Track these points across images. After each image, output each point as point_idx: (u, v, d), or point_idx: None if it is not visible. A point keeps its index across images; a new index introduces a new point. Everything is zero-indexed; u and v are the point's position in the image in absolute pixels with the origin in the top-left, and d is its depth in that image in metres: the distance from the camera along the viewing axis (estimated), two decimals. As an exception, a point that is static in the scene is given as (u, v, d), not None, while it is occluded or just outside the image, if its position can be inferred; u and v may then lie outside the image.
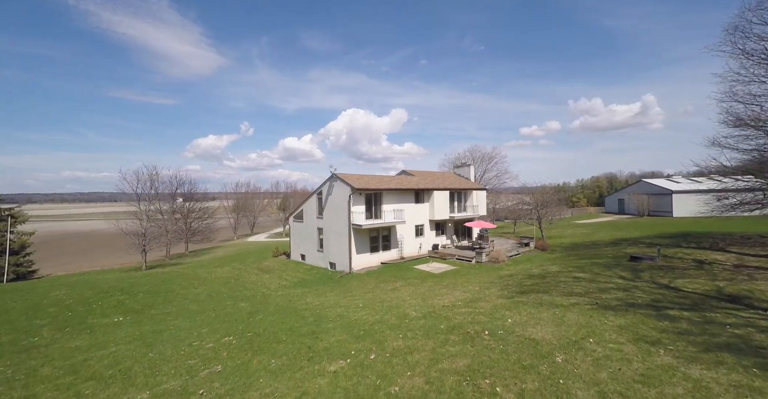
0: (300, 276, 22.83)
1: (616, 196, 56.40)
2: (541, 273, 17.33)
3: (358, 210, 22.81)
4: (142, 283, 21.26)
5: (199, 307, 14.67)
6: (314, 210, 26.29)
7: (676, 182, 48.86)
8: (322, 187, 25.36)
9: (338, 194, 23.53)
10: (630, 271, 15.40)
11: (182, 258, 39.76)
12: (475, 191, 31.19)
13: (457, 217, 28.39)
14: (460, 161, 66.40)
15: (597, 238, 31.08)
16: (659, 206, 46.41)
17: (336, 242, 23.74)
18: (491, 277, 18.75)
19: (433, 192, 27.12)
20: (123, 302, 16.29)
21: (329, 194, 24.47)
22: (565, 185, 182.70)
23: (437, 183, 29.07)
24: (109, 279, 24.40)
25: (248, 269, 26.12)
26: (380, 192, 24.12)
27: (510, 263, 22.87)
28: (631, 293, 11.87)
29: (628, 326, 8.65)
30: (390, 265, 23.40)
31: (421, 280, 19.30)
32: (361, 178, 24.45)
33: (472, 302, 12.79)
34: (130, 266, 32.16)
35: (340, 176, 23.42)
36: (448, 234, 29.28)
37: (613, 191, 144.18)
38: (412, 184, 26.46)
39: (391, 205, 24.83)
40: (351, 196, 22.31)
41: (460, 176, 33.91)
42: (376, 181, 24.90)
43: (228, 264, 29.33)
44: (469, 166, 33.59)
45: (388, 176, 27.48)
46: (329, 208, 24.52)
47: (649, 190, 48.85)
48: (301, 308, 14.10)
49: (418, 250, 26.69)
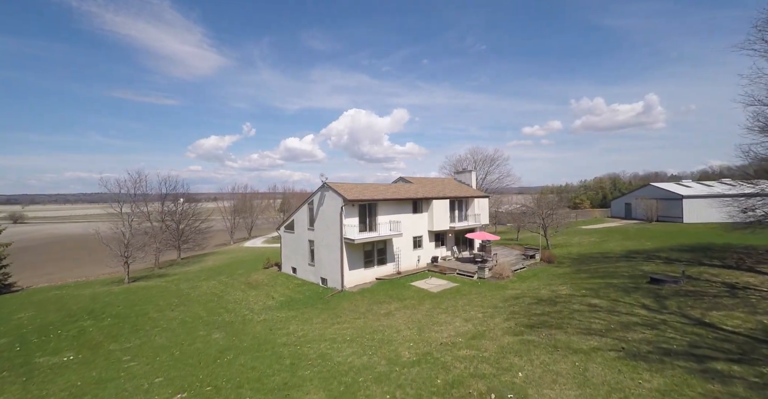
0: (288, 293, 21.15)
1: (623, 201, 54.57)
2: (551, 296, 15.61)
3: (351, 222, 21.14)
4: (115, 303, 19.64)
5: (166, 341, 13.03)
6: (305, 221, 24.64)
7: (686, 186, 47.01)
8: (313, 197, 23.71)
9: (330, 205, 21.87)
10: (653, 297, 13.66)
11: (171, 267, 38.15)
12: (477, 199, 29.48)
13: (457, 228, 26.68)
14: (461, 166, 64.74)
15: (606, 248, 29.30)
16: (669, 211, 44.55)
17: (327, 256, 22.07)
18: (495, 298, 17.04)
19: (432, 201, 25.43)
20: (85, 331, 14.65)
21: (320, 205, 22.81)
22: (568, 186, 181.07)
23: (436, 191, 27.38)
24: (85, 296, 22.80)
25: (235, 284, 24.47)
26: (375, 203, 22.44)
27: (515, 279, 21.16)
28: (661, 332, 10.14)
29: (670, 391, 6.93)
30: (385, 282, 21.70)
31: (418, 300, 17.61)
32: (355, 188, 22.78)
33: (474, 339, 11.09)
34: (115, 277, 30.54)
35: (332, 186, 21.75)
36: (448, 245, 27.57)
37: (616, 192, 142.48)
38: (410, 193, 24.77)
39: (387, 216, 23.15)
40: (343, 207, 20.64)
41: (461, 183, 32.20)
42: (371, 190, 23.22)
43: (215, 277, 27.70)
44: (470, 172, 31.86)
45: (384, 185, 25.83)
46: (320, 219, 22.86)
47: (658, 194, 46.98)
48: (280, 343, 12.43)
49: (416, 263, 24.99)
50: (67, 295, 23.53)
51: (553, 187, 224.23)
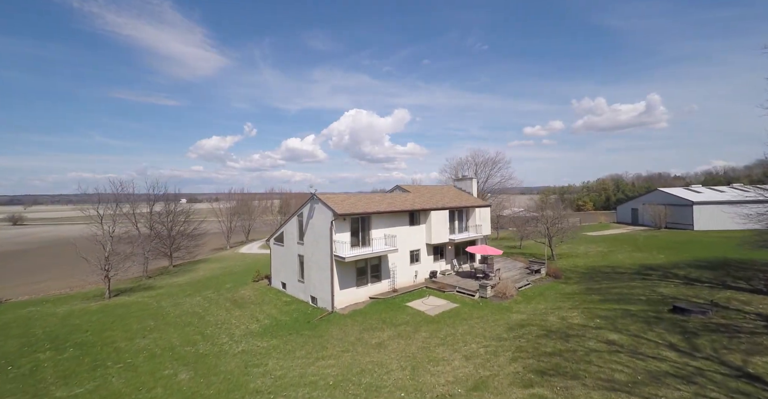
0: (275, 314, 19.54)
1: (629, 206, 52.82)
2: (561, 326, 13.96)
3: (342, 238, 19.53)
4: (84, 328, 18.09)
5: (124, 384, 11.44)
6: (295, 234, 23.05)
7: (696, 191, 45.25)
8: (302, 209, 22.11)
9: (319, 219, 20.27)
10: (679, 332, 12.01)
11: (161, 277, 36.60)
12: (478, 209, 27.83)
13: (457, 240, 25.04)
14: (461, 168, 62.97)
15: (615, 260, 27.63)
16: (678, 218, 42.81)
17: (317, 274, 20.47)
18: (499, 324, 15.42)
19: (430, 213, 23.81)
20: (39, 367, 13.08)
21: (310, 218, 21.22)
22: (570, 187, 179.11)
23: (435, 201, 25.76)
24: (58, 315, 21.26)
25: (220, 301, 22.89)
26: (368, 216, 20.82)
27: (519, 299, 19.51)
28: (700, 388, 8.49)
29: None
30: (379, 302, 20.08)
31: (414, 327, 15.99)
32: (347, 200, 21.16)
33: (476, 390, 9.47)
34: (99, 290, 28.83)
35: (321, 198, 20.15)
36: (448, 257, 25.94)
37: (620, 194, 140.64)
38: (407, 205, 23.15)
39: (381, 229, 21.53)
40: (333, 222, 19.03)
41: (462, 190, 30.55)
42: (364, 202, 21.60)
43: (201, 291, 26.13)
44: (470, 180, 30.22)
45: (379, 195, 24.23)
46: (310, 233, 21.26)
47: (666, 200, 45.24)
48: (253, 388, 10.83)
49: (413, 279, 23.37)
50: (40, 313, 22.00)
51: (555, 187, 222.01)
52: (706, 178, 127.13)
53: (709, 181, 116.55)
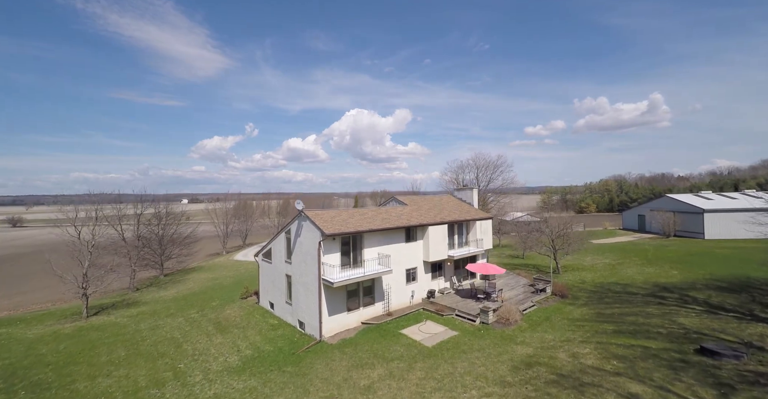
0: (258, 342, 17.97)
1: (636, 212, 51.09)
2: (574, 370, 12.33)
3: (331, 260, 17.95)
4: (48, 359, 16.58)
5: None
6: (282, 252, 21.48)
7: (706, 198, 43.49)
8: (290, 226, 20.53)
9: (307, 237, 18.69)
10: (713, 385, 10.40)
11: (148, 289, 35.10)
12: (479, 222, 26.22)
13: (457, 256, 23.42)
14: (462, 177, 61.40)
15: (625, 276, 26.00)
16: (688, 226, 41.11)
17: (305, 297, 18.90)
18: (502, 361, 13.82)
19: (428, 228, 22.21)
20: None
21: (297, 236, 19.65)
22: (572, 188, 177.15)
23: (433, 214, 24.16)
24: (25, 341, 19.74)
25: (203, 323, 21.36)
26: (360, 234, 19.22)
27: (524, 325, 17.92)
28: None
29: None
30: (372, 329, 18.49)
31: (408, 363, 14.41)
32: (337, 217, 19.57)
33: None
34: (78, 307, 27.28)
35: (309, 215, 18.57)
36: (447, 274, 24.35)
37: (623, 195, 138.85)
38: (402, 221, 21.54)
39: (374, 248, 19.95)
40: (321, 242, 17.45)
41: (462, 201, 28.94)
42: (356, 219, 19.99)
43: (185, 310, 24.61)
44: (471, 190, 28.59)
45: (372, 210, 22.61)
46: (298, 252, 19.69)
47: (675, 206, 43.52)
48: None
49: (409, 299, 21.78)
50: (8, 338, 20.50)
51: (557, 187, 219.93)
52: (712, 180, 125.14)
53: (714, 183, 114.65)
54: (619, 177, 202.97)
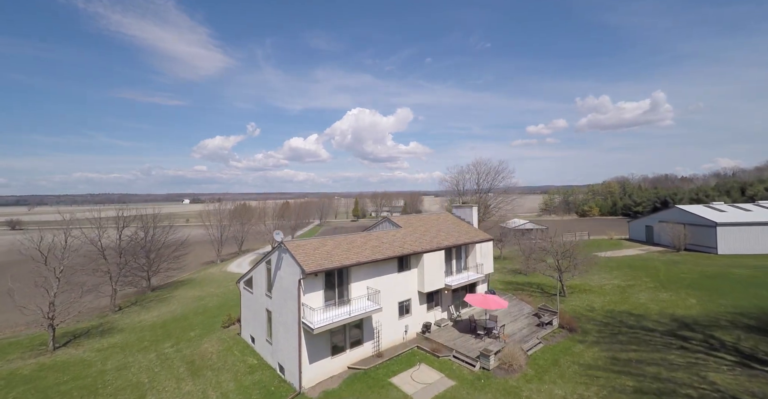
0: (231, 392, 16.03)
1: (643, 223, 48.99)
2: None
3: (313, 300, 16.00)
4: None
5: None
6: (263, 283, 19.54)
7: (718, 210, 41.40)
8: (270, 256, 18.59)
9: (287, 272, 16.76)
10: None
11: (129, 311, 33.22)
12: (479, 244, 24.25)
13: (455, 285, 21.45)
14: (462, 178, 59.35)
15: (637, 302, 24.02)
16: (700, 240, 39.06)
17: (285, 338, 16.97)
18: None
19: (423, 256, 20.25)
20: None
21: (278, 268, 17.71)
22: (575, 189, 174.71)
23: (429, 237, 22.19)
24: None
25: (175, 362, 19.47)
26: (347, 268, 17.26)
27: (530, 372, 15.96)
28: None
29: None
30: (359, 376, 16.52)
31: (396, 428, 12.46)
32: (321, 248, 17.57)
33: None
34: (44, 337, 24.95)
35: (290, 248, 16.61)
36: (444, 304, 22.39)
37: (626, 198, 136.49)
38: (395, 248, 19.57)
39: (363, 281, 18.00)
40: (301, 281, 15.52)
41: (461, 219, 26.96)
42: (343, 250, 17.99)
43: (160, 343, 22.71)
44: (470, 208, 26.60)
45: (363, 236, 20.57)
46: (278, 287, 17.76)
47: (685, 218, 41.44)
48: None
49: (403, 335, 19.82)
50: (-40, 380, 18.62)
51: (559, 187, 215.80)
52: (718, 183, 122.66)
53: (721, 186, 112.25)
54: (621, 178, 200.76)
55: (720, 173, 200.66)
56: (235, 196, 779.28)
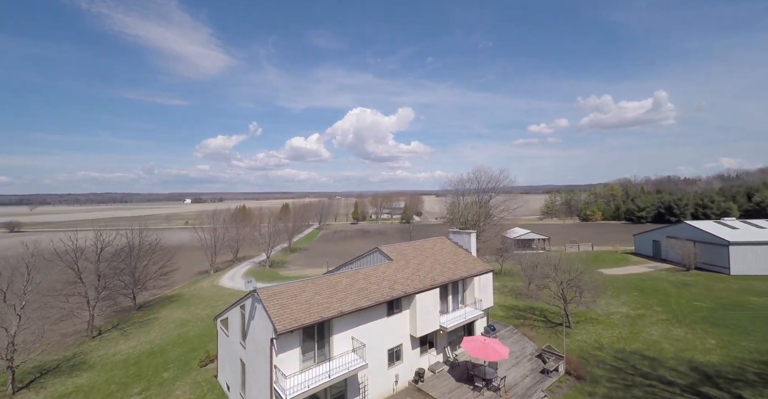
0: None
1: (650, 237, 46.98)
2: None
3: (288, 362, 14.08)
4: None
5: None
6: (237, 328, 17.66)
7: (730, 227, 39.36)
8: (244, 301, 16.70)
9: (260, 325, 14.88)
10: None
11: (107, 337, 31.40)
12: (477, 277, 22.33)
13: (450, 327, 19.52)
14: (462, 186, 57.53)
15: (651, 342, 22.08)
16: (711, 259, 37.09)
17: (258, 396, 15.09)
18: None
19: (415, 297, 18.36)
20: None
21: (251, 318, 15.83)
22: (576, 192, 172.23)
23: (423, 272, 20.27)
24: None
25: (141, 415, 17.63)
26: (328, 320, 15.34)
27: (534, 441, 14.04)
28: None
29: None
30: (341, 443, 14.64)
31: None
32: (299, 296, 15.61)
33: None
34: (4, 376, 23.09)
35: (263, 298, 14.69)
36: (439, 345, 20.49)
37: (629, 202, 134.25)
38: (383, 290, 17.65)
39: (347, 331, 16.09)
40: (274, 340, 13.62)
41: (458, 246, 25.03)
42: (324, 298, 16.00)
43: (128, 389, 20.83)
44: (469, 235, 24.66)
45: (349, 275, 18.50)
46: (251, 339, 15.88)
47: (695, 235, 39.45)
48: None
49: (393, 386, 17.93)
50: None
51: (561, 187, 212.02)
52: (723, 188, 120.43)
53: (726, 190, 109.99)
54: (624, 181, 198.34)
55: (724, 175, 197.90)
56: (236, 196, 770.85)
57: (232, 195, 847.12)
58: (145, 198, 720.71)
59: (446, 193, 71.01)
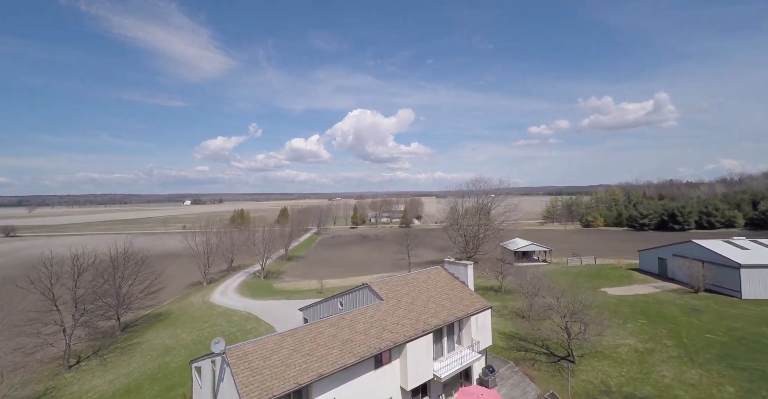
0: None
1: (655, 254, 45.26)
2: None
3: (257, 435, 12.45)
4: None
5: None
6: (209, 383, 16.00)
7: (741, 248, 37.64)
8: (215, 357, 15.06)
9: (227, 392, 13.23)
10: None
11: (85, 368, 29.76)
12: (474, 317, 20.66)
13: (444, 376, 17.87)
14: (461, 197, 56.05)
15: (662, 386, 20.42)
16: (721, 281, 35.39)
17: (228, 470, 13.47)
18: None
19: (406, 346, 16.72)
20: None
21: (220, 379, 14.20)
22: (579, 197, 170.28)
23: (415, 314, 18.62)
24: None
25: None
26: (307, 385, 13.68)
27: None
28: None
29: None
30: None
31: None
32: (274, 355, 13.94)
33: None
34: None
35: (231, 361, 13.04)
36: (432, 393, 18.83)
37: (631, 207, 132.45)
38: (371, 343, 15.98)
39: (329, 392, 14.45)
40: (241, 415, 11.97)
41: (455, 277, 23.38)
42: (303, 355, 14.28)
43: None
44: (466, 266, 23.02)
45: (332, 324, 16.67)
46: (221, 402, 14.25)
47: (704, 255, 37.75)
48: None
49: (380, 446, 16.30)
50: None
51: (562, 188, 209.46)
52: (726, 195, 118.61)
53: (731, 198, 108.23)
54: (626, 185, 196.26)
55: (726, 179, 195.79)
56: (236, 197, 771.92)
57: (231, 196, 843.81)
58: (144, 199, 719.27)
59: (446, 194, 69.62)
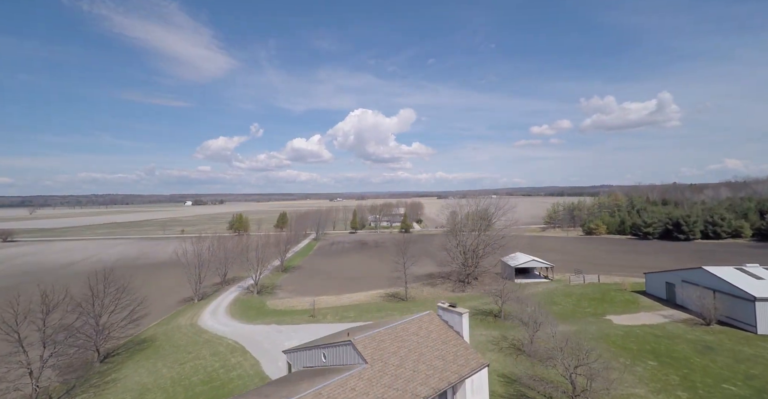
0: None
1: (663, 278, 43.13)
2: None
3: None
4: None
5: None
6: None
7: (755, 276, 35.48)
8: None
9: None
10: None
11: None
12: (469, 379, 18.64)
13: (436, 456, 15.93)
14: (461, 210, 53.98)
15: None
16: (734, 313, 33.30)
17: None
18: None
19: (390, 429, 14.72)
20: None
21: None
22: (581, 203, 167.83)
23: (403, 380, 16.59)
24: None
25: None
26: None
27: None
28: None
29: None
30: None
31: None
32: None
33: None
34: None
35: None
36: (422, 471, 16.84)
37: (634, 213, 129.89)
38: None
39: None
40: None
41: (449, 327, 21.38)
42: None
43: None
44: (461, 315, 20.99)
45: None
46: None
47: (716, 284, 35.63)
48: None
49: None
50: None
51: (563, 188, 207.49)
52: (733, 202, 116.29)
53: (737, 205, 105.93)
54: (629, 188, 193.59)
55: (731, 181, 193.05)
56: (237, 197, 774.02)
57: (233, 196, 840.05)
58: (146, 199, 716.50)
59: (448, 195, 67.81)
